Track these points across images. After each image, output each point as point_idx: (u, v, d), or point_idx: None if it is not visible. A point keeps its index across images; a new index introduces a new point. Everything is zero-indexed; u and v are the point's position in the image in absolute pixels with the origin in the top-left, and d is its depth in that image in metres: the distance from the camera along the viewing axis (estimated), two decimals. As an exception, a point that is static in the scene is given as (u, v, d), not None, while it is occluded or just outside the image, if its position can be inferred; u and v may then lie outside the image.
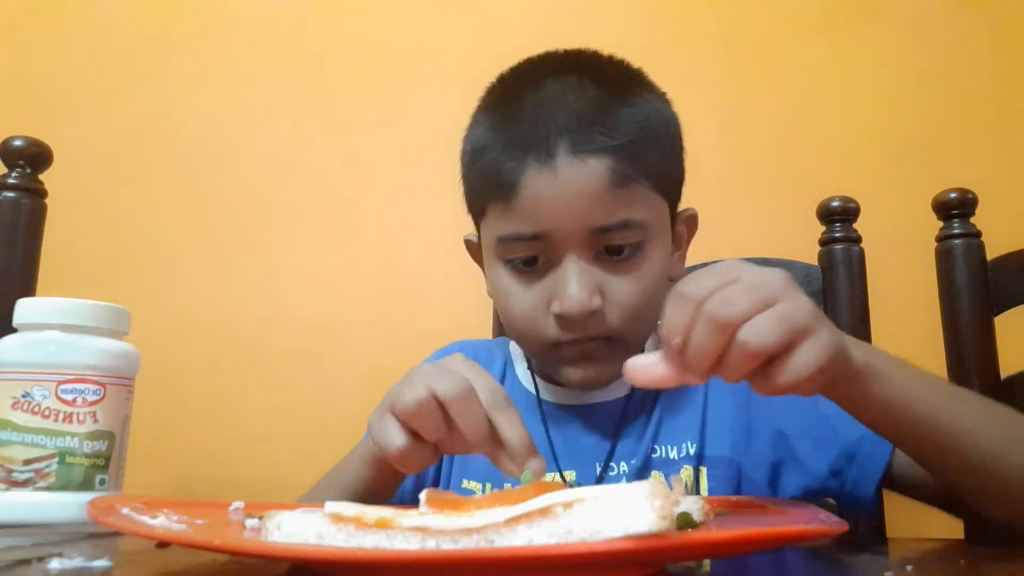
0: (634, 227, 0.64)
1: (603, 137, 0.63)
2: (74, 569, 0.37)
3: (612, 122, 0.64)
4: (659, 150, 0.67)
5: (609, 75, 0.69)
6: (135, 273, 1.24)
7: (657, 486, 0.30)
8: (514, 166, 0.63)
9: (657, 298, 0.66)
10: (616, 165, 0.62)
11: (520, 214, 0.64)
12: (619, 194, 0.63)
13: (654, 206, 0.67)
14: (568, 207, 0.62)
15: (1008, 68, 1.22)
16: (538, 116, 0.64)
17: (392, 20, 1.32)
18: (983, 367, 0.91)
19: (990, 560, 0.50)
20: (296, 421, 1.19)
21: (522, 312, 0.67)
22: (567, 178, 0.62)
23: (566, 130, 0.62)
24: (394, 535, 0.32)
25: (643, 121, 0.66)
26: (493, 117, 0.68)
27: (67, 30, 1.34)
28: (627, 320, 0.65)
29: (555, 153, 0.62)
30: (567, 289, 0.62)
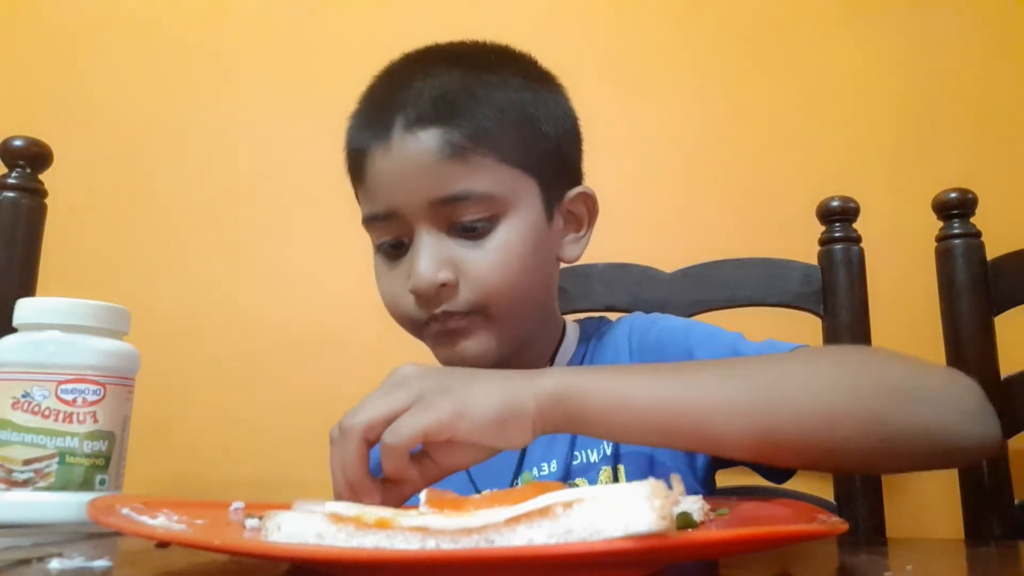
0: (477, 199, 0.63)
1: (437, 112, 0.63)
2: (74, 569, 0.37)
3: (453, 98, 0.64)
4: (512, 126, 0.66)
5: (472, 59, 0.70)
6: (135, 273, 1.24)
7: (657, 486, 0.30)
8: (360, 147, 0.66)
9: (527, 276, 0.66)
10: (450, 136, 0.63)
11: (370, 194, 0.66)
12: (455, 165, 0.63)
13: (505, 180, 0.65)
14: (404, 180, 0.63)
15: (1008, 68, 1.22)
16: (388, 98, 0.66)
17: (393, 22, 1.32)
18: (983, 367, 0.91)
19: (990, 560, 0.50)
20: (296, 421, 1.19)
21: (388, 293, 0.68)
22: (399, 152, 0.63)
23: (402, 107, 0.64)
24: (394, 535, 0.32)
25: (488, 98, 0.66)
26: (361, 99, 0.71)
27: (67, 30, 1.34)
28: (482, 292, 0.64)
29: (391, 130, 0.64)
30: (416, 264, 0.63)
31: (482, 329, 0.65)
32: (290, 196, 1.28)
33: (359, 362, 1.21)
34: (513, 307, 0.67)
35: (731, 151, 1.24)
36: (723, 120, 1.25)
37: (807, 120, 1.24)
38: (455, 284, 0.64)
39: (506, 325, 0.67)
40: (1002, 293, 0.93)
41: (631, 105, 1.27)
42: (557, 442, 0.70)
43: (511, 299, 0.66)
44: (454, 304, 0.64)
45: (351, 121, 0.70)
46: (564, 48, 1.32)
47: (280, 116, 1.30)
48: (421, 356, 1.24)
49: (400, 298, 0.67)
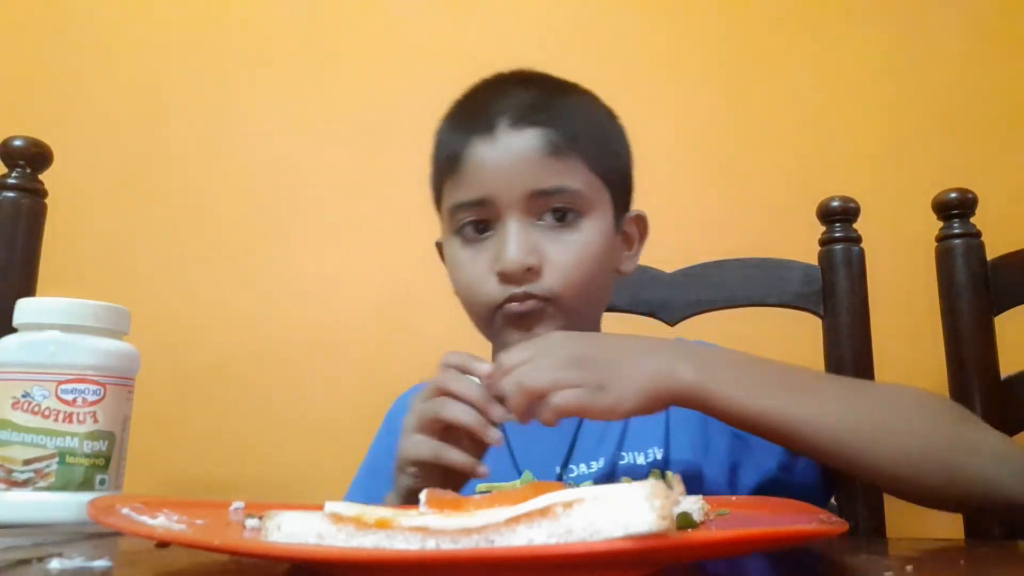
0: (570, 194, 0.70)
1: (541, 115, 0.70)
2: (74, 569, 0.37)
3: (551, 107, 0.72)
4: (595, 138, 0.74)
5: (557, 82, 0.77)
6: (135, 273, 1.24)
7: (657, 486, 0.30)
8: (460, 141, 0.71)
9: (596, 274, 0.72)
10: (552, 137, 0.69)
11: (466, 182, 0.71)
12: (554, 163, 0.69)
13: (591, 184, 0.72)
14: (507, 170, 0.69)
15: (1008, 68, 1.22)
16: (487, 103, 0.72)
17: (392, 25, 1.32)
18: (983, 367, 0.91)
19: (990, 560, 0.50)
20: (296, 421, 1.19)
21: (469, 276, 0.72)
22: (506, 145, 0.69)
23: (507, 109, 0.70)
24: (394, 535, 0.32)
25: (579, 110, 0.74)
26: (451, 113, 0.77)
27: (68, 30, 1.34)
28: (564, 283, 0.69)
29: (496, 127, 0.70)
30: (506, 246, 0.68)
31: (553, 317, 0.70)
32: (290, 196, 1.28)
33: (359, 362, 1.21)
34: (582, 301, 0.72)
35: (731, 151, 1.24)
36: (723, 120, 1.25)
37: (807, 120, 1.24)
38: (539, 270, 0.69)
39: (572, 317, 0.71)
40: (1002, 293, 0.93)
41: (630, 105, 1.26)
42: (605, 441, 0.73)
43: (583, 293, 0.71)
44: (536, 288, 0.69)
45: (447, 121, 0.77)
46: (564, 48, 1.32)
47: (280, 116, 1.30)
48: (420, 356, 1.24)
49: (482, 280, 0.71)
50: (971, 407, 0.91)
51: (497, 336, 0.73)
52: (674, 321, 0.98)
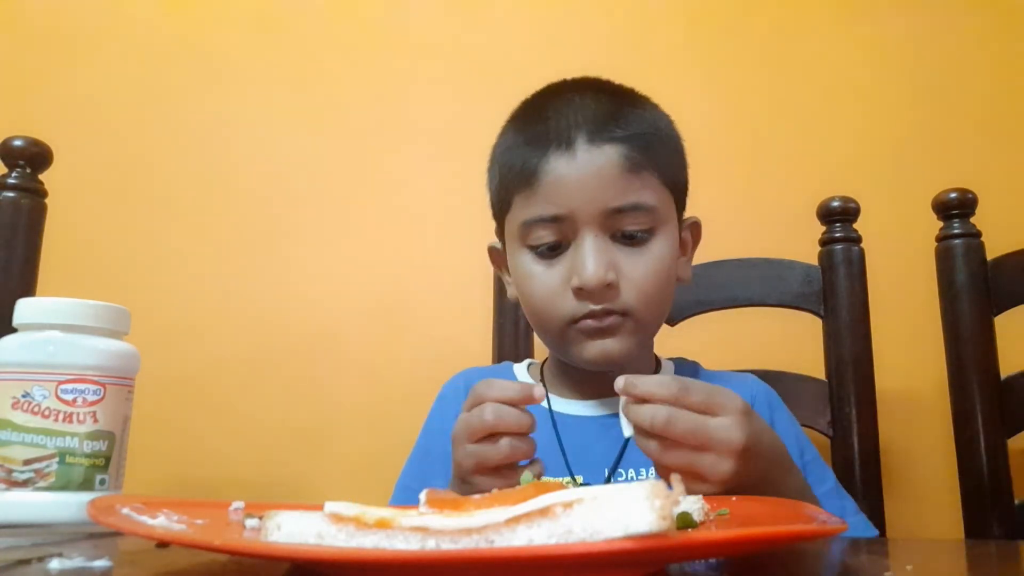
0: (645, 211, 0.70)
1: (617, 130, 0.70)
2: (74, 569, 0.37)
3: (625, 119, 0.71)
4: (666, 149, 0.74)
5: (620, 90, 0.77)
6: (135, 273, 1.24)
7: (657, 486, 0.30)
8: (537, 155, 0.71)
9: (667, 287, 0.74)
10: (629, 153, 0.70)
11: (542, 198, 0.70)
12: (632, 179, 0.70)
13: (663, 197, 0.73)
14: (586, 188, 0.69)
15: (1008, 68, 1.22)
16: (559, 115, 0.72)
17: (393, 23, 1.32)
18: (983, 367, 0.91)
19: (990, 560, 0.50)
20: (296, 421, 1.19)
21: (543, 291, 0.72)
22: (585, 162, 0.69)
23: (584, 124, 0.70)
24: (394, 535, 0.32)
25: (652, 122, 0.74)
26: (518, 123, 0.76)
27: (68, 30, 1.34)
28: (640, 298, 0.70)
29: (574, 142, 0.70)
30: (585, 262, 0.68)
31: (627, 331, 0.71)
32: (290, 196, 1.28)
33: (359, 362, 1.21)
34: (655, 315, 0.75)
35: (731, 151, 1.24)
36: (723, 120, 1.25)
37: (807, 120, 1.24)
38: (617, 286, 0.69)
39: (645, 330, 0.74)
40: (1002, 293, 0.93)
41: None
42: None
43: (657, 307, 0.74)
44: (613, 303, 0.70)
45: (515, 131, 0.76)
46: (564, 48, 1.32)
47: (280, 116, 1.30)
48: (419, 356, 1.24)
49: (558, 295, 0.71)
50: (971, 407, 0.91)
51: (568, 347, 0.73)
52: (674, 321, 0.99)
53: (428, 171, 1.27)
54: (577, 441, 0.75)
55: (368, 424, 1.18)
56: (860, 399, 0.94)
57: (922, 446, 1.09)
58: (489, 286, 1.08)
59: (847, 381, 0.95)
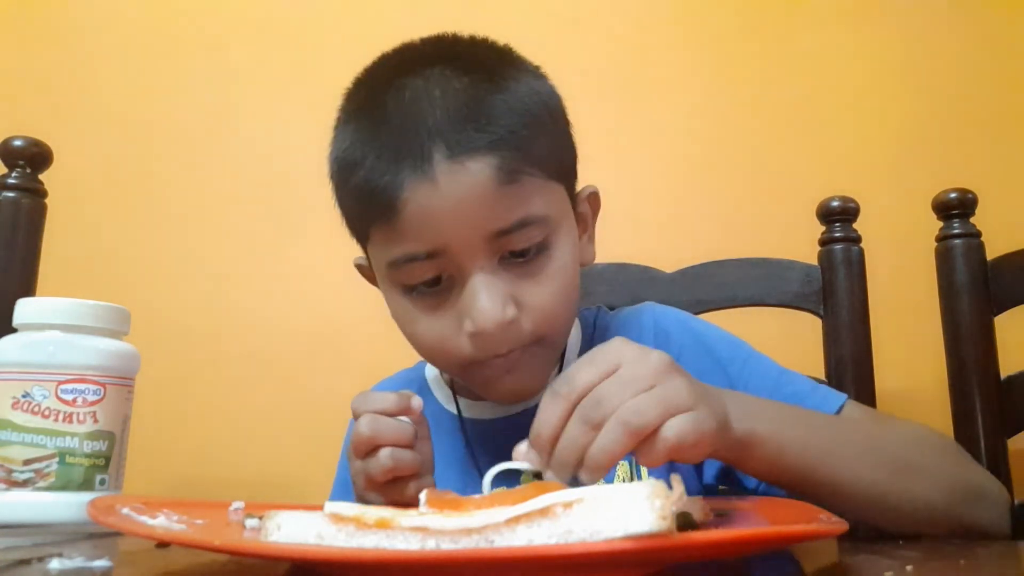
0: (534, 224, 0.59)
1: (480, 134, 0.57)
2: (74, 569, 0.37)
3: (487, 114, 0.58)
4: (545, 134, 0.62)
5: (474, 60, 0.63)
6: (135, 273, 1.24)
7: (657, 486, 0.30)
8: (390, 181, 0.57)
9: (573, 291, 0.64)
10: (501, 162, 0.57)
11: (408, 234, 0.58)
12: (510, 192, 0.57)
13: (551, 196, 0.62)
14: (458, 217, 0.56)
15: (1008, 68, 1.21)
16: (406, 120, 0.58)
17: (392, 20, 1.32)
18: (983, 367, 0.91)
19: (990, 560, 0.50)
20: (296, 421, 1.19)
21: (433, 338, 0.61)
22: (449, 186, 0.56)
23: (438, 132, 0.57)
24: (394, 535, 0.32)
25: (521, 107, 0.60)
26: (358, 128, 0.62)
27: (67, 30, 1.34)
28: (546, 323, 0.61)
29: (431, 160, 0.56)
30: (477, 304, 0.57)
31: (539, 359, 0.63)
32: (290, 196, 1.28)
33: (358, 362, 1.21)
34: (565, 331, 0.67)
35: (731, 151, 1.24)
36: (723, 120, 1.25)
37: (807, 120, 1.24)
38: (518, 319, 0.59)
39: (556, 349, 0.66)
40: (1002, 293, 0.93)
41: (631, 105, 1.27)
42: None
43: (566, 324, 0.66)
44: (518, 340, 0.60)
45: (358, 145, 0.61)
46: (563, 48, 1.32)
47: (280, 116, 1.30)
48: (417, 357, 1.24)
49: (450, 341, 0.60)
50: (971, 407, 0.91)
51: (475, 385, 0.65)
52: (674, 321, 0.98)
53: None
54: (490, 448, 0.69)
55: (368, 424, 1.18)
56: (860, 399, 0.94)
57: (922, 446, 1.09)
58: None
59: (847, 381, 0.95)
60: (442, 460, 0.63)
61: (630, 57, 1.28)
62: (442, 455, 0.64)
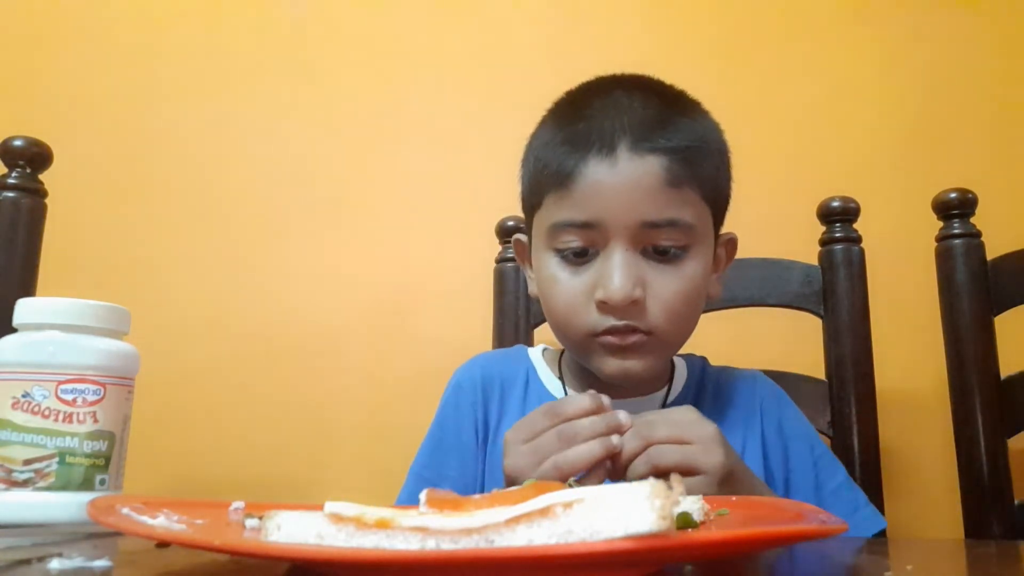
0: (681, 228, 0.67)
1: (663, 139, 0.66)
2: (74, 569, 0.37)
3: (672, 128, 0.68)
4: (711, 163, 0.71)
5: (671, 93, 0.74)
6: (135, 273, 1.24)
7: (657, 486, 0.30)
8: (576, 156, 0.67)
9: (696, 306, 0.71)
10: (672, 166, 0.66)
11: (576, 201, 0.67)
12: (672, 193, 0.66)
13: (702, 214, 0.70)
14: (622, 198, 0.65)
15: (1008, 68, 1.21)
16: (603, 115, 0.68)
17: (391, 22, 1.32)
18: (983, 367, 0.91)
19: (990, 560, 0.50)
20: (296, 421, 1.19)
21: (566, 299, 0.69)
22: (625, 170, 0.66)
23: (628, 129, 0.66)
24: (394, 535, 0.32)
25: (699, 132, 0.70)
26: (559, 118, 0.72)
27: (67, 30, 1.34)
28: (666, 316, 0.67)
29: (616, 147, 0.66)
30: (612, 276, 0.65)
31: (651, 350, 0.69)
32: (290, 197, 1.28)
33: (358, 363, 1.21)
34: (681, 335, 0.72)
35: (732, 151, 1.23)
36: (722, 120, 1.24)
37: (807, 120, 1.24)
38: (643, 303, 0.66)
39: (669, 350, 0.73)
40: (1002, 293, 0.93)
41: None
42: None
43: (684, 327, 0.71)
44: (638, 321, 0.67)
45: (554, 130, 0.71)
46: (562, 48, 1.32)
47: (280, 117, 1.30)
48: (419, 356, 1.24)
49: (581, 305, 0.68)
50: (971, 407, 0.91)
51: (588, 357, 0.71)
52: (674, 321, 0.98)
53: (428, 171, 1.27)
54: None
55: (368, 424, 1.18)
56: (860, 399, 0.94)
57: (922, 446, 1.09)
58: (489, 286, 1.08)
59: (847, 381, 0.95)
60: None
61: (630, 58, 1.28)
62: None
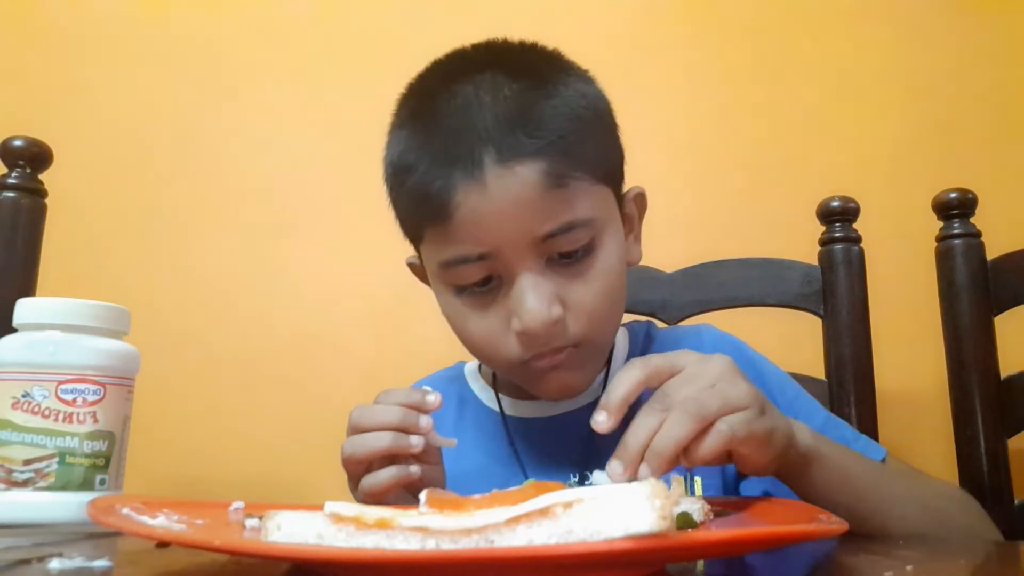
0: (581, 227, 0.61)
1: (529, 139, 0.59)
2: (74, 569, 0.37)
3: (536, 120, 0.60)
4: (593, 138, 0.64)
5: (524, 66, 0.65)
6: (135, 273, 1.24)
7: (657, 486, 0.30)
8: (443, 185, 0.59)
9: (619, 295, 0.66)
10: (549, 166, 0.59)
11: (459, 236, 0.60)
12: (558, 196, 0.60)
13: (598, 199, 0.63)
14: (507, 221, 0.59)
15: (1008, 68, 1.21)
16: (457, 126, 0.60)
17: (391, 21, 1.32)
18: (983, 367, 0.91)
19: (990, 560, 0.50)
20: (295, 421, 1.19)
21: (482, 336, 0.64)
22: (499, 190, 0.58)
23: (488, 138, 0.59)
24: (394, 535, 0.32)
25: (569, 112, 0.62)
26: (411, 132, 0.65)
27: (67, 30, 1.34)
28: (591, 324, 0.63)
29: (482, 165, 0.58)
30: (524, 304, 0.59)
31: (585, 359, 0.65)
32: (290, 196, 1.28)
33: (358, 363, 1.21)
34: (611, 331, 0.68)
35: (731, 151, 1.24)
36: (723, 120, 1.25)
37: (807, 120, 1.24)
38: (564, 319, 0.61)
39: (602, 350, 0.68)
40: (1002, 293, 0.93)
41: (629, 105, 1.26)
42: None
43: (612, 325, 0.67)
44: (563, 340, 0.62)
45: (412, 151, 0.63)
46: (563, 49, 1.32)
47: (281, 117, 1.30)
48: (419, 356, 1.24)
49: (499, 339, 0.63)
50: (971, 407, 0.91)
51: (524, 382, 0.67)
52: (674, 321, 0.99)
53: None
54: (535, 446, 0.71)
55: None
56: (860, 399, 0.94)
57: (922, 446, 1.09)
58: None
59: (847, 381, 0.95)
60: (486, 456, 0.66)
61: (630, 58, 1.28)
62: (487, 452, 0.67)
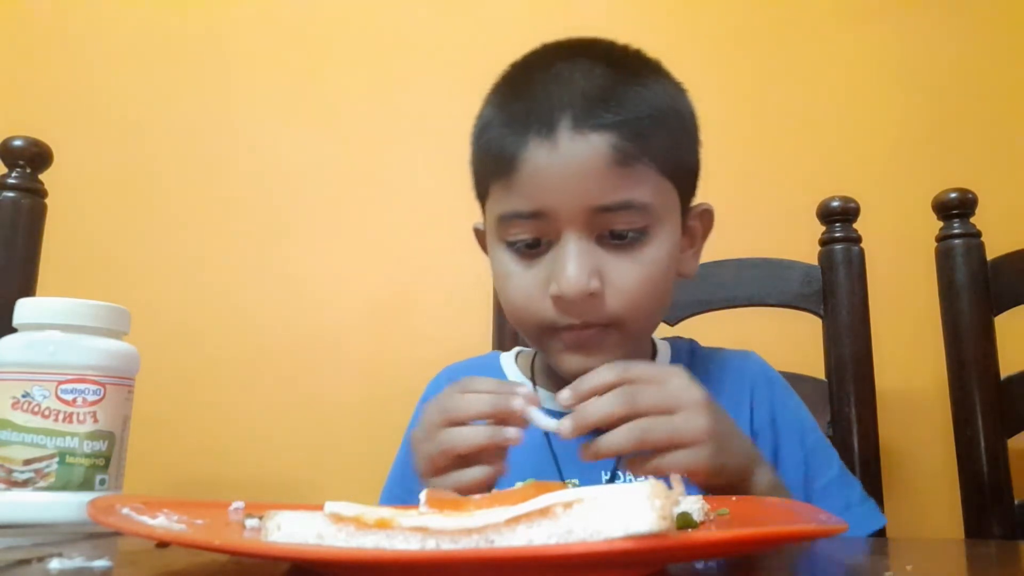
0: (637, 209, 0.62)
1: (607, 113, 0.61)
2: (74, 569, 0.37)
3: (617, 99, 0.62)
4: (668, 133, 0.65)
5: (621, 59, 0.68)
6: (135, 273, 1.24)
7: (657, 486, 0.30)
8: (515, 141, 0.62)
9: (662, 290, 0.66)
10: (619, 143, 0.60)
11: (519, 191, 0.62)
12: (622, 173, 0.61)
13: (661, 190, 0.64)
14: (567, 183, 0.60)
15: (1008, 68, 1.21)
16: (543, 93, 0.62)
17: (391, 20, 1.32)
18: (983, 367, 0.91)
19: (990, 560, 0.50)
20: (296, 421, 1.19)
21: (520, 293, 0.65)
22: (567, 153, 0.60)
23: (569, 105, 0.61)
24: (394, 535, 0.32)
25: (652, 101, 0.64)
26: (500, 96, 0.67)
27: (67, 30, 1.34)
28: (627, 306, 0.63)
29: (556, 128, 0.60)
30: (565, 270, 0.60)
31: (613, 344, 0.64)
32: (290, 196, 1.28)
33: (358, 363, 1.21)
34: (647, 322, 0.69)
35: (731, 151, 1.24)
36: (723, 120, 1.24)
37: (807, 120, 1.24)
38: (601, 295, 0.62)
39: (635, 339, 0.68)
40: (1002, 293, 0.93)
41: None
42: None
43: (649, 315, 0.67)
44: (596, 315, 0.62)
45: (495, 110, 0.66)
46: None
47: (280, 116, 1.30)
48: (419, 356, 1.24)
49: (535, 300, 0.63)
50: (971, 407, 0.91)
51: (548, 353, 0.67)
52: (674, 321, 0.99)
53: (427, 170, 1.27)
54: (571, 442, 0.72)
55: (368, 424, 1.18)
56: (860, 399, 0.94)
57: (922, 446, 1.09)
58: (489, 285, 1.08)
59: (847, 381, 0.95)
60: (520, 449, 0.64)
61: (630, 57, 1.28)
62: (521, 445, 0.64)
